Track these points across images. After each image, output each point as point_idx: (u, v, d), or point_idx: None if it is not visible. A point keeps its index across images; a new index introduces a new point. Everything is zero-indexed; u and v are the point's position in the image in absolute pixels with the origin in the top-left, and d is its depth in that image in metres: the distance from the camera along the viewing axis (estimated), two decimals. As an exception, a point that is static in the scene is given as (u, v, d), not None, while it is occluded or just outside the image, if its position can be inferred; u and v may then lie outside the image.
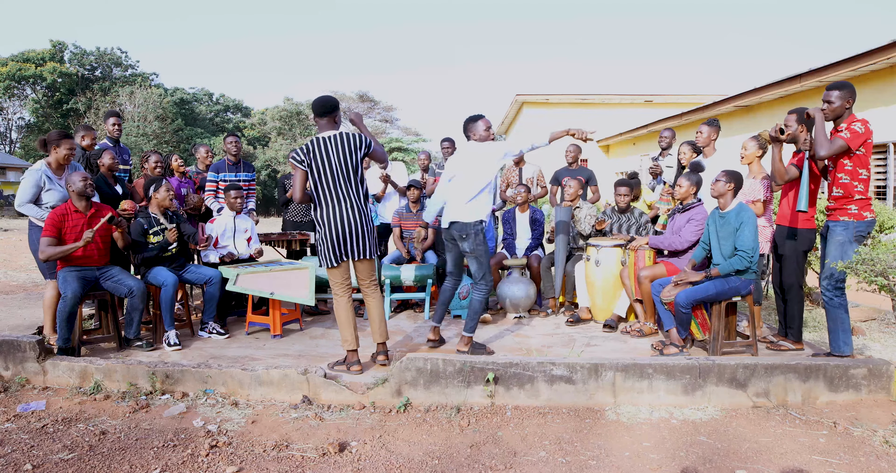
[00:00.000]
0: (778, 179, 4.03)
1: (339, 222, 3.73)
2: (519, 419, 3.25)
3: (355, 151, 3.75)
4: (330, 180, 3.72)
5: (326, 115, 3.79)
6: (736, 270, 3.89)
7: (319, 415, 3.26)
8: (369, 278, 3.94)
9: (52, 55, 29.06)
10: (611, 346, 4.38)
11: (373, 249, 3.85)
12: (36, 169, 4.32)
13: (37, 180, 4.26)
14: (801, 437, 3.02)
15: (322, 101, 3.79)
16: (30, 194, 4.24)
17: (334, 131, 3.78)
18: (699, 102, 13.05)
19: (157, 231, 4.54)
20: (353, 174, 3.75)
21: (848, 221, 3.68)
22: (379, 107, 33.41)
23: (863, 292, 4.40)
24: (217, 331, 4.66)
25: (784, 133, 3.86)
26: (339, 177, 3.72)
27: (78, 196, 4.09)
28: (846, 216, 3.69)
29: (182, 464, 2.71)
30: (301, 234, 5.87)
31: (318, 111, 3.78)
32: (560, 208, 5.44)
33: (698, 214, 4.44)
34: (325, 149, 3.72)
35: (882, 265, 3.53)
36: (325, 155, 3.71)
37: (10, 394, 3.58)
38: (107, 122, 5.43)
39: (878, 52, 6.81)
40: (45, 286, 4.40)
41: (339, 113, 3.87)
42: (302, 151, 3.73)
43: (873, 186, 7.59)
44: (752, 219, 3.88)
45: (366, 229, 3.79)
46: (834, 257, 3.69)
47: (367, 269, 3.91)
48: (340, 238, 3.74)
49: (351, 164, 3.74)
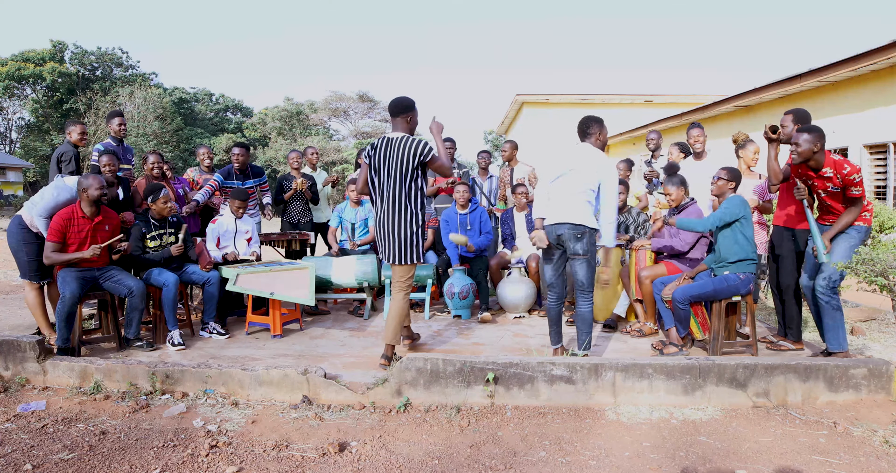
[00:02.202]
0: (773, 178, 4.03)
1: (378, 222, 3.84)
2: (519, 419, 3.25)
3: (411, 158, 3.69)
4: (381, 180, 3.77)
5: (398, 115, 3.79)
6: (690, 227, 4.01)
7: (319, 415, 3.26)
8: (398, 282, 3.91)
9: (51, 55, 29.04)
10: (611, 346, 4.38)
11: (403, 256, 3.79)
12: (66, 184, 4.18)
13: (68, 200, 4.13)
14: (801, 437, 3.02)
15: (395, 101, 3.81)
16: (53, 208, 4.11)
17: (401, 134, 3.76)
18: (699, 102, 13.04)
19: (155, 236, 4.53)
20: (401, 179, 3.71)
21: (862, 226, 3.74)
22: (379, 107, 33.37)
23: (863, 292, 4.41)
24: (218, 331, 4.66)
25: (776, 132, 3.86)
26: (389, 179, 3.73)
27: (90, 203, 4.07)
28: (861, 222, 3.74)
29: (182, 464, 2.71)
30: (301, 234, 5.87)
31: (391, 111, 3.80)
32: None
33: (693, 212, 4.45)
34: (386, 149, 3.74)
35: (882, 265, 3.53)
36: (382, 155, 3.75)
37: (10, 394, 3.58)
38: (111, 122, 5.43)
39: (878, 52, 6.81)
40: (26, 288, 4.33)
41: (411, 114, 3.82)
42: (370, 146, 3.82)
43: (872, 186, 7.59)
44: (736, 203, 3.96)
45: (399, 235, 3.76)
46: (838, 256, 3.69)
47: (397, 273, 3.89)
48: (378, 238, 3.88)
49: (402, 169, 3.70)
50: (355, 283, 5.30)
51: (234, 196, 5.08)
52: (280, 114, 30.17)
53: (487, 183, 6.42)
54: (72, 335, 3.99)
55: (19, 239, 4.20)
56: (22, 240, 4.19)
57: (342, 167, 23.85)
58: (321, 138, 28.95)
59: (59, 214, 4.02)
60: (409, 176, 3.72)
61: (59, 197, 4.15)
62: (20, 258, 4.22)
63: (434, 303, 5.80)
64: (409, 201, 3.75)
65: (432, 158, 3.74)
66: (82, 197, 4.07)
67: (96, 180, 4.05)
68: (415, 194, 3.77)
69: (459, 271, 5.33)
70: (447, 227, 5.63)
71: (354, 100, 32.70)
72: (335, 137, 33.43)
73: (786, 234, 4.08)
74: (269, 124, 30.30)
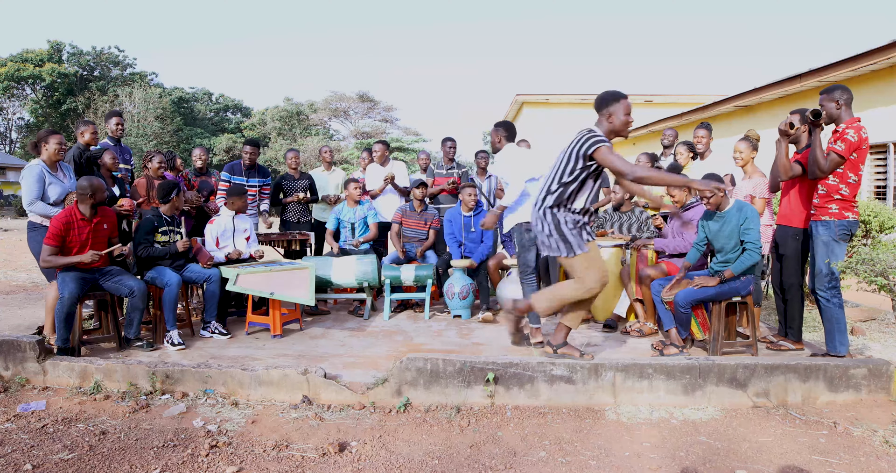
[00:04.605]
0: (783, 174, 4.03)
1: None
2: (519, 419, 3.25)
3: (567, 152, 3.46)
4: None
5: (598, 110, 3.54)
6: (749, 266, 3.87)
7: (319, 415, 3.26)
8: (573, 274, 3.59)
9: (50, 56, 29.06)
10: (611, 346, 4.38)
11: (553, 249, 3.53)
12: (33, 165, 4.27)
13: (39, 175, 4.21)
14: (801, 437, 3.02)
15: (600, 95, 3.53)
16: (36, 190, 4.19)
17: (589, 127, 3.50)
18: (699, 102, 13.04)
19: (166, 231, 4.56)
20: (554, 172, 3.53)
21: (829, 220, 3.73)
22: (379, 107, 33.40)
23: (863, 292, 4.41)
24: (220, 331, 4.66)
25: (794, 127, 3.87)
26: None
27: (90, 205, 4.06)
28: (827, 216, 3.74)
29: (182, 464, 2.71)
30: (301, 234, 5.87)
31: (595, 105, 3.56)
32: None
33: (698, 213, 4.45)
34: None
35: (882, 265, 3.54)
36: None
37: (10, 394, 3.58)
38: (109, 121, 5.42)
39: (878, 52, 6.81)
40: (48, 288, 4.36)
41: (607, 109, 3.47)
42: None
43: (872, 186, 7.59)
44: (755, 213, 3.89)
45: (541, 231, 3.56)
46: (822, 256, 3.71)
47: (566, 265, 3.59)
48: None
49: (559, 161, 3.51)
50: (355, 283, 5.30)
51: (232, 193, 5.08)
52: (280, 114, 30.18)
53: (486, 183, 6.42)
54: (72, 335, 3.99)
55: (39, 242, 4.16)
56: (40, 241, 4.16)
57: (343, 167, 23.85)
58: (321, 139, 28.96)
59: (57, 217, 3.99)
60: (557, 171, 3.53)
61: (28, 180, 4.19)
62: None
63: (434, 303, 5.80)
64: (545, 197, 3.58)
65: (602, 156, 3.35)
66: (81, 198, 4.06)
67: (100, 184, 4.08)
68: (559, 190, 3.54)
69: (459, 272, 5.34)
70: (451, 227, 5.64)
71: (354, 100, 32.70)
72: (335, 138, 33.44)
73: (790, 233, 4.08)
74: (268, 124, 30.31)
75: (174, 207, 4.65)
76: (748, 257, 3.84)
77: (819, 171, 3.71)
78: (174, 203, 4.64)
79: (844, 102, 3.70)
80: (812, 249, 3.84)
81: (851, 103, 3.73)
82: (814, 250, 3.81)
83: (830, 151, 3.65)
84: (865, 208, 5.37)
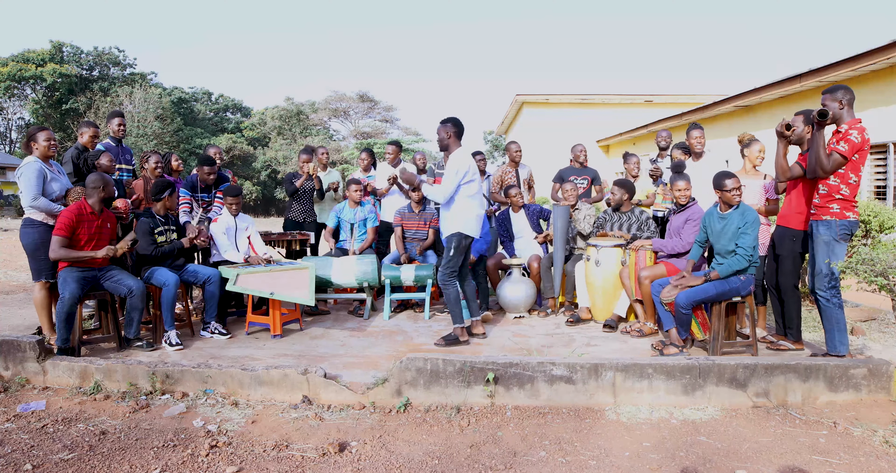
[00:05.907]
0: (781, 176, 4.03)
1: None
2: (519, 419, 3.25)
3: None
4: None
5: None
6: (735, 270, 3.89)
7: (319, 415, 3.26)
8: None
9: (51, 56, 29.06)
10: (611, 346, 4.37)
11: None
12: (31, 162, 4.20)
13: (39, 171, 4.16)
14: (801, 437, 3.02)
15: None
16: (37, 186, 4.13)
17: None
18: (699, 102, 13.05)
19: (162, 231, 4.58)
20: None
21: (830, 220, 3.72)
22: (379, 107, 33.43)
23: (863, 292, 4.41)
24: (220, 331, 4.66)
25: (790, 129, 3.86)
26: None
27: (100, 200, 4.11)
28: (828, 215, 3.72)
29: (182, 464, 2.71)
30: (301, 234, 5.86)
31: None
32: (558, 207, 5.44)
33: (695, 213, 4.45)
34: None
35: (882, 265, 3.53)
36: None
37: (10, 394, 3.58)
38: (111, 122, 5.40)
39: (878, 52, 6.81)
40: (34, 288, 4.33)
41: None
42: None
43: (872, 186, 7.59)
44: (757, 220, 3.90)
45: None
46: (822, 256, 3.71)
47: None
48: None
49: None
50: (355, 283, 5.30)
51: (228, 193, 5.08)
52: (280, 114, 30.20)
53: (486, 183, 6.42)
54: (72, 335, 3.99)
55: (34, 239, 4.16)
56: (38, 240, 4.16)
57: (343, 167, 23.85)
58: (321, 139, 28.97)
59: (67, 209, 4.03)
60: None
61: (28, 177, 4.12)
62: (38, 257, 4.18)
63: (434, 303, 5.80)
64: None
65: None
66: (91, 194, 4.09)
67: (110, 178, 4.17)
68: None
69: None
70: None
71: (354, 100, 32.73)
72: (335, 138, 33.46)
73: (788, 234, 4.08)
74: (268, 124, 30.32)
75: (166, 206, 4.67)
76: (735, 261, 3.87)
77: (821, 171, 3.69)
78: (165, 203, 4.65)
79: (847, 103, 3.69)
80: (812, 249, 3.84)
81: (853, 103, 3.73)
82: (814, 250, 3.80)
83: (833, 152, 3.64)
84: (865, 208, 5.37)
